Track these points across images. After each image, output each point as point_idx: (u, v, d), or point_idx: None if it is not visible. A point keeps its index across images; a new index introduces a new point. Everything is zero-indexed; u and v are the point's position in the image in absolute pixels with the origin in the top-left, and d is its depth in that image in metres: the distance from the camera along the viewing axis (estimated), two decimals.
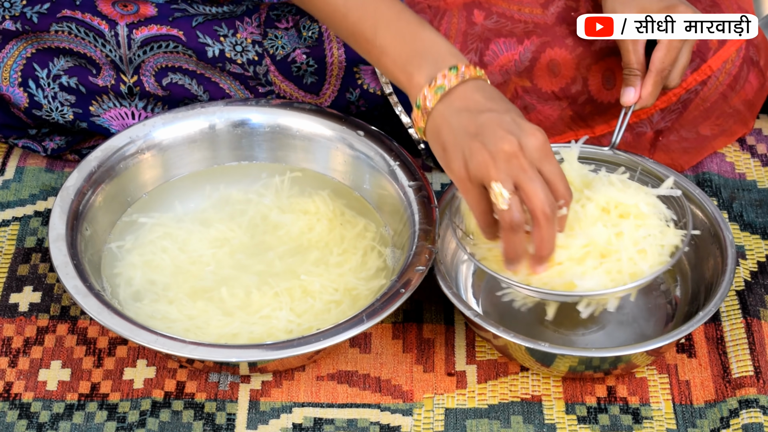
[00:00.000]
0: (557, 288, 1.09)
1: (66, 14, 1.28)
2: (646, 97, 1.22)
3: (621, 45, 1.23)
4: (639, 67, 1.22)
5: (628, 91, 1.22)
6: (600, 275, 1.08)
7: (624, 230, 1.10)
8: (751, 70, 1.35)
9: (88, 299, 1.10)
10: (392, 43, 1.11)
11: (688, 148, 1.38)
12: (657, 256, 1.10)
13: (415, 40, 1.11)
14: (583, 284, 1.08)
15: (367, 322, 1.09)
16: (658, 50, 1.20)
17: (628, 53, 1.22)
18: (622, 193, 1.12)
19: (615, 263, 1.09)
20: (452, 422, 1.14)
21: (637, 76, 1.22)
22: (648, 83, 1.21)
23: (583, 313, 1.12)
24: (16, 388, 1.16)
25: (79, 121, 1.34)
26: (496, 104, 1.05)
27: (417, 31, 1.11)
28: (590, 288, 1.08)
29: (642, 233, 1.10)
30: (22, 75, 1.31)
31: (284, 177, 1.30)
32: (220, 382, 1.17)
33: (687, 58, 1.23)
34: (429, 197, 1.21)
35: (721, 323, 1.23)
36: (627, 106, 1.22)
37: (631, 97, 1.22)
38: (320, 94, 1.32)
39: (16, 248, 1.30)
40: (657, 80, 1.21)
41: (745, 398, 1.15)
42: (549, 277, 1.09)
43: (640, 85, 1.22)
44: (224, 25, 1.29)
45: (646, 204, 1.12)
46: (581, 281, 1.08)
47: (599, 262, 1.09)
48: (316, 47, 1.29)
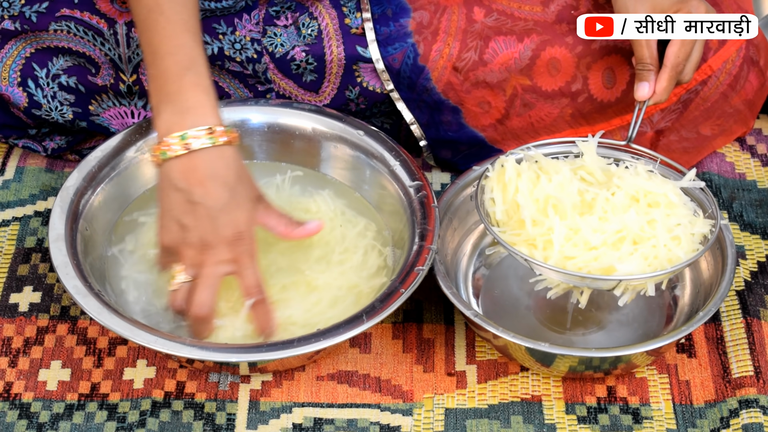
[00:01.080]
0: (594, 272, 1.08)
1: (65, 13, 1.28)
2: (660, 92, 1.21)
3: (634, 40, 1.22)
4: (652, 62, 1.21)
5: (642, 86, 1.21)
6: (638, 260, 1.08)
7: (656, 218, 1.10)
8: (752, 70, 1.35)
9: (88, 299, 1.10)
10: (157, 75, 1.10)
11: (688, 147, 1.38)
12: (690, 243, 1.10)
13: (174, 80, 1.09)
14: (623, 268, 1.08)
15: (367, 322, 1.09)
16: (673, 45, 1.20)
17: (641, 48, 1.21)
18: (650, 182, 1.12)
19: (651, 249, 1.09)
20: (452, 422, 1.14)
21: (650, 71, 1.21)
22: (663, 78, 1.20)
23: (620, 300, 1.10)
24: (16, 388, 1.16)
25: (78, 121, 1.33)
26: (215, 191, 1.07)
27: (182, 74, 1.09)
28: (629, 272, 1.08)
29: (673, 221, 1.10)
30: (22, 75, 1.31)
31: (285, 176, 1.30)
32: (220, 382, 1.17)
33: (700, 53, 1.22)
34: (429, 197, 1.21)
35: (721, 323, 1.23)
36: (641, 101, 1.22)
37: (646, 91, 1.21)
38: (319, 92, 1.32)
39: (16, 248, 1.30)
40: (672, 75, 1.20)
41: (745, 398, 1.15)
42: (584, 262, 1.08)
43: (654, 80, 1.21)
44: (223, 23, 1.28)
45: (674, 194, 1.12)
46: (620, 265, 1.08)
47: (635, 248, 1.09)
48: (316, 45, 1.29)
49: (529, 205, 1.12)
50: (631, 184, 1.12)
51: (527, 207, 1.12)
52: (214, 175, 1.08)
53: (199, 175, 1.08)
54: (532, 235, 1.11)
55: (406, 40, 1.29)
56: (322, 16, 1.29)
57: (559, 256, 1.09)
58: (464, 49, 1.29)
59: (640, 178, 1.13)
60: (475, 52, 1.29)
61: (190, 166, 1.08)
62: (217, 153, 1.08)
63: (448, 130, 1.33)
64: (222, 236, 1.08)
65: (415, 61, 1.29)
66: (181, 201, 1.08)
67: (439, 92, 1.30)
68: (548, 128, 1.33)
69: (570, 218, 1.11)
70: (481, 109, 1.31)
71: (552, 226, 1.10)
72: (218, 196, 1.08)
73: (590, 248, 1.09)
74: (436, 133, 1.34)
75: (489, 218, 1.15)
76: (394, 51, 1.29)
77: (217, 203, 1.08)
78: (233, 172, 1.09)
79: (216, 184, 1.08)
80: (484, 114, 1.31)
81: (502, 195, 1.15)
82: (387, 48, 1.29)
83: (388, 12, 1.30)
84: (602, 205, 1.11)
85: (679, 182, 1.15)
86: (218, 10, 1.28)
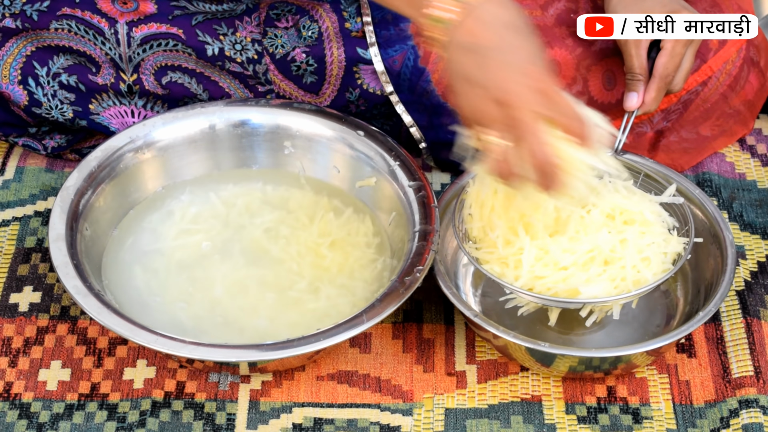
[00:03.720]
0: (561, 294, 1.09)
1: (66, 12, 1.28)
2: (649, 103, 1.22)
3: (624, 50, 1.23)
4: (642, 72, 1.22)
5: (631, 96, 1.22)
6: (604, 282, 1.09)
7: (628, 237, 1.10)
8: (752, 71, 1.35)
9: (88, 299, 1.10)
10: None
11: (688, 148, 1.38)
12: (660, 264, 1.11)
13: None
14: (587, 291, 1.08)
15: (367, 322, 1.09)
16: (662, 56, 1.21)
17: (630, 58, 1.22)
18: (627, 200, 1.12)
19: (619, 270, 1.09)
20: (452, 422, 1.14)
21: (640, 81, 1.22)
22: (651, 89, 1.21)
23: (587, 321, 1.12)
24: (16, 388, 1.16)
25: (78, 119, 1.34)
26: (509, 37, 0.99)
27: None
28: (594, 295, 1.08)
29: (646, 241, 1.11)
30: (22, 73, 1.31)
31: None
32: (220, 382, 1.17)
33: (690, 63, 1.23)
34: (429, 197, 1.21)
35: (721, 323, 1.23)
36: (630, 111, 1.23)
37: (635, 102, 1.22)
38: (320, 93, 1.32)
39: (16, 248, 1.30)
40: (660, 86, 1.21)
41: (745, 398, 1.15)
42: (553, 282, 1.09)
43: (643, 90, 1.22)
44: (224, 24, 1.28)
45: (650, 212, 1.12)
46: (585, 288, 1.08)
47: (603, 269, 1.09)
48: (316, 46, 1.29)
49: (502, 225, 1.12)
50: (607, 202, 1.12)
51: (499, 227, 1.12)
52: (502, 22, 1.00)
53: (488, 27, 1.00)
54: (504, 255, 1.12)
55: (406, 42, 1.29)
56: (322, 19, 1.29)
57: (529, 276, 1.10)
58: None
59: (618, 195, 1.13)
60: None
61: (475, 22, 1.00)
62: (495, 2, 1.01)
63: (448, 133, 1.33)
64: (526, 78, 0.99)
65: (415, 63, 1.29)
66: (475, 62, 1.00)
67: (438, 95, 1.30)
68: None
69: (541, 238, 1.11)
70: None
71: (523, 246, 1.11)
72: (511, 42, 1.00)
73: (560, 268, 1.09)
74: (436, 135, 1.34)
75: (466, 235, 1.16)
76: (394, 53, 1.29)
77: (512, 48, 1.00)
78: (517, 15, 1.02)
79: (506, 30, 1.00)
80: None
81: (479, 212, 1.15)
82: (387, 50, 1.29)
83: (389, 17, 1.30)
84: (575, 225, 1.11)
85: (658, 198, 1.15)
86: (219, 13, 1.29)
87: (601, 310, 1.13)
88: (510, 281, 1.10)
